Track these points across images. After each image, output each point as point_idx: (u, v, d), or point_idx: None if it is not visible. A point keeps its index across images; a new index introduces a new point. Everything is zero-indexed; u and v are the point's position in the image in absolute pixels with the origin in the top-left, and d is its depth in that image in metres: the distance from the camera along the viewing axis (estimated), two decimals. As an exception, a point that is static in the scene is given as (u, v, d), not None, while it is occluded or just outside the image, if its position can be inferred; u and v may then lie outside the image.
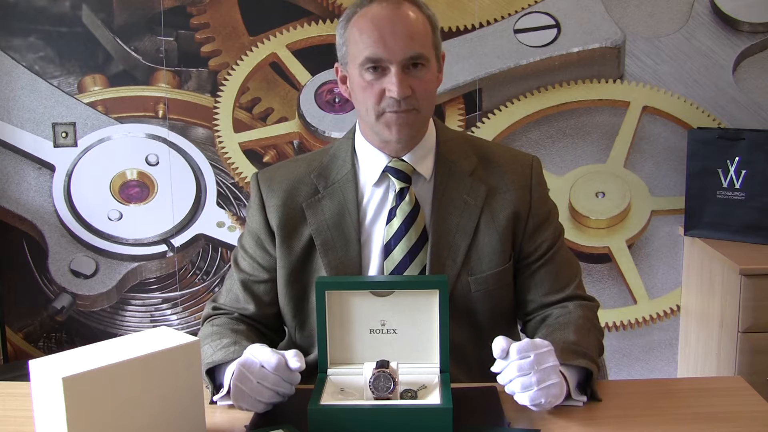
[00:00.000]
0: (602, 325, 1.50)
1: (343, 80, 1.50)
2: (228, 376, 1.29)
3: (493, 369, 1.23)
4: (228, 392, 1.28)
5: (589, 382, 1.29)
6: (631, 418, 1.24)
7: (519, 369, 1.19)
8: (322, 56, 2.59)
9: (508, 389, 1.22)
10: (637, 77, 2.60)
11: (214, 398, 1.31)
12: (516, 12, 2.58)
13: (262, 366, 1.22)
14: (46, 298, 2.72)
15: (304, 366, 1.23)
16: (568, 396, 1.26)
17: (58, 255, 2.69)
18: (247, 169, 2.65)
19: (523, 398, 1.20)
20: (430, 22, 1.44)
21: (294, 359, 1.22)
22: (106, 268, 2.70)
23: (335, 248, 1.46)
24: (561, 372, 1.23)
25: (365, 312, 1.30)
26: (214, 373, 1.34)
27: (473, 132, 2.62)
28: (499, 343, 1.21)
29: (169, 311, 2.74)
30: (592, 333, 1.41)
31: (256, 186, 1.52)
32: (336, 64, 1.51)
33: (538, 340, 1.22)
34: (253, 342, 1.40)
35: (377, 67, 1.39)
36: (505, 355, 1.21)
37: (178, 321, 2.73)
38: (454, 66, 2.57)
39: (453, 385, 1.25)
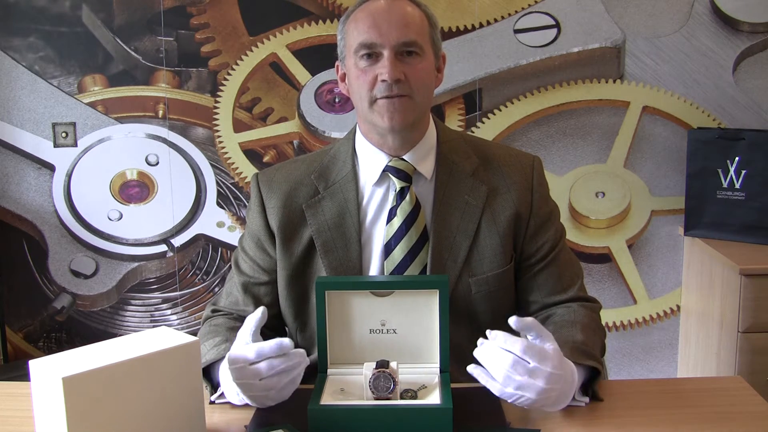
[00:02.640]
0: (603, 325, 1.50)
1: (343, 78, 1.50)
2: (222, 375, 1.29)
3: (490, 333, 1.18)
4: (224, 392, 1.28)
5: (591, 383, 1.29)
6: (632, 418, 1.24)
7: (513, 364, 1.15)
8: (322, 56, 2.59)
9: (487, 368, 1.18)
10: (637, 77, 2.60)
11: (212, 398, 1.31)
12: (516, 12, 2.58)
13: (250, 364, 1.19)
14: (46, 298, 2.72)
15: (288, 342, 1.19)
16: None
17: (58, 255, 2.69)
18: (247, 169, 2.65)
19: (491, 384, 1.17)
20: (428, 19, 1.45)
21: (264, 343, 1.19)
22: (106, 268, 2.70)
23: (336, 249, 1.46)
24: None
25: (365, 312, 1.30)
26: (210, 373, 1.34)
27: (473, 132, 2.62)
28: (523, 321, 1.18)
29: (169, 311, 2.74)
30: (597, 333, 1.41)
31: (256, 187, 1.52)
32: (336, 63, 1.52)
33: (549, 352, 1.17)
34: None
35: (371, 54, 1.40)
36: (519, 328, 1.18)
37: (178, 321, 2.73)
38: (454, 66, 2.57)
39: (453, 385, 1.24)
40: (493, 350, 1.17)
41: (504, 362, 1.16)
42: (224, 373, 1.27)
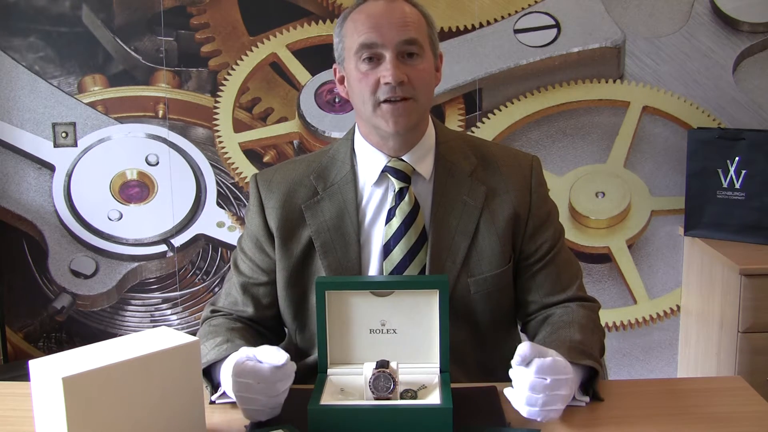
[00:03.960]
0: (602, 324, 1.50)
1: (341, 81, 1.50)
2: (224, 375, 1.28)
3: (511, 373, 1.21)
4: (225, 392, 1.28)
5: (591, 382, 1.29)
6: (632, 418, 1.24)
7: (531, 388, 1.16)
8: (322, 56, 2.59)
9: (508, 393, 1.21)
10: (637, 77, 2.60)
11: (213, 398, 1.30)
12: (516, 12, 2.58)
13: (259, 383, 1.18)
14: (46, 298, 2.72)
15: (287, 356, 1.19)
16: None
17: (58, 255, 2.69)
18: (247, 169, 2.65)
19: (521, 408, 1.19)
20: (426, 19, 1.45)
21: (277, 357, 1.19)
22: (106, 268, 2.70)
23: (335, 250, 1.46)
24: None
25: (365, 312, 1.30)
26: (211, 373, 1.34)
27: (473, 132, 2.62)
28: (521, 350, 1.18)
29: (169, 311, 2.74)
30: (595, 333, 1.41)
31: (255, 188, 1.52)
32: (334, 65, 1.51)
33: (561, 363, 1.18)
34: (248, 339, 1.39)
35: (372, 57, 1.40)
36: (525, 364, 1.18)
37: (178, 321, 2.73)
38: (454, 66, 2.57)
39: (453, 385, 1.24)
40: (514, 385, 1.20)
41: (522, 387, 1.17)
42: (226, 373, 1.27)
